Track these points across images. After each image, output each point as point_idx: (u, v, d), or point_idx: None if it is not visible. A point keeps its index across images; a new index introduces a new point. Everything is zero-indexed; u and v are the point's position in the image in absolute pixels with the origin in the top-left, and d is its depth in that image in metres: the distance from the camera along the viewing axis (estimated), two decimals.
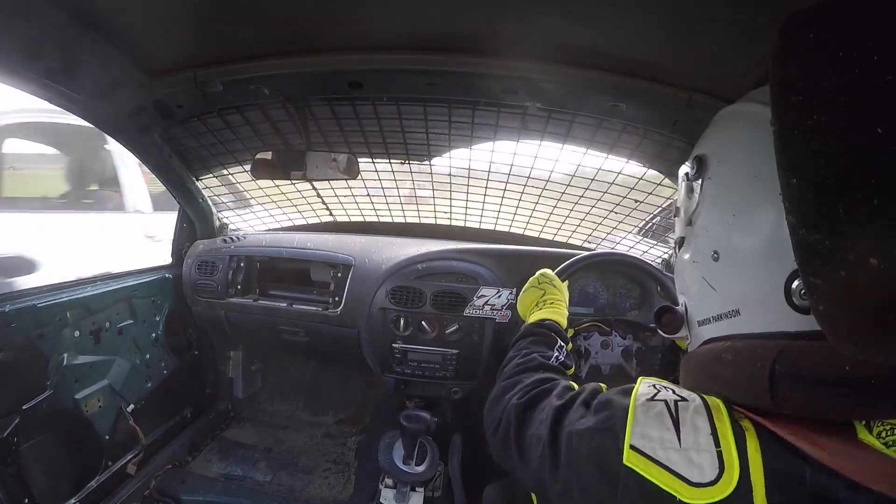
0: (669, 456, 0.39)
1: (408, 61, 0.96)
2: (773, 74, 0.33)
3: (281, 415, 2.13)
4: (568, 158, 1.40)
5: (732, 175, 0.48)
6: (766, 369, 0.39)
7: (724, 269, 0.48)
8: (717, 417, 0.41)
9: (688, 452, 0.39)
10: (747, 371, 0.41)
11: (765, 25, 0.61)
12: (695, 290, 0.53)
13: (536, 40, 0.86)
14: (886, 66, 0.27)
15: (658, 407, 0.43)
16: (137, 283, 1.50)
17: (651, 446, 0.40)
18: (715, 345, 0.47)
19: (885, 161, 0.28)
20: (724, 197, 0.49)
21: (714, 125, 0.56)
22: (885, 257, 0.28)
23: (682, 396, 0.44)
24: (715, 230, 0.49)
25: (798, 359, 0.38)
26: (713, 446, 0.39)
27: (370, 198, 1.80)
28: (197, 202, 1.65)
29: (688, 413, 0.41)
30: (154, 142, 1.32)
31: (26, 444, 1.11)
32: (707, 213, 0.51)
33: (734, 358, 0.43)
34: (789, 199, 0.33)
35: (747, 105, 0.51)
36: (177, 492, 1.46)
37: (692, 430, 0.40)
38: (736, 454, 0.38)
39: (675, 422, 0.41)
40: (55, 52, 0.85)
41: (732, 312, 0.46)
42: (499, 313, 1.39)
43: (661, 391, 0.45)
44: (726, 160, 0.49)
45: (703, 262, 0.51)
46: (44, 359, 1.18)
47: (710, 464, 0.38)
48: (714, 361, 0.46)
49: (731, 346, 0.45)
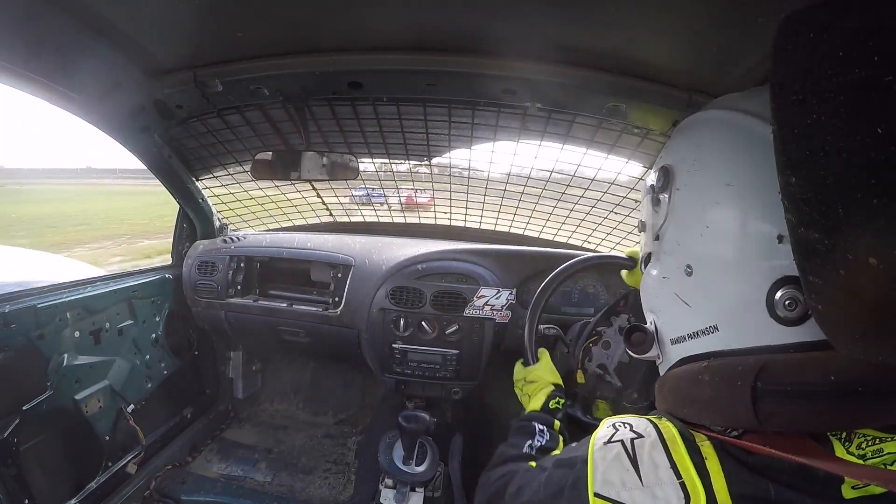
0: (634, 496, 0.40)
1: (408, 61, 0.96)
2: (773, 74, 0.33)
3: (281, 415, 2.12)
4: (568, 159, 1.40)
5: (703, 185, 0.46)
6: (747, 387, 0.38)
7: (699, 284, 0.46)
8: (673, 450, 0.41)
9: (651, 489, 0.39)
10: (727, 391, 0.40)
11: (765, 25, 0.61)
12: (666, 308, 0.51)
13: (536, 40, 0.86)
14: (886, 66, 0.27)
15: (615, 449, 0.43)
16: (137, 284, 1.50)
17: (615, 490, 0.41)
18: (691, 366, 0.46)
19: (885, 161, 0.28)
20: (695, 208, 0.47)
21: (678, 134, 0.54)
22: (884, 257, 0.28)
23: (639, 433, 0.44)
24: (686, 243, 0.47)
25: (782, 373, 0.37)
26: (674, 478, 0.39)
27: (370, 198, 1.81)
28: (197, 202, 1.65)
29: (644, 450, 0.42)
30: (154, 142, 1.32)
31: (26, 445, 1.11)
32: (677, 226, 0.49)
33: (712, 378, 0.42)
34: (788, 198, 0.33)
35: (712, 112, 0.50)
36: (177, 492, 1.46)
37: (651, 466, 0.40)
38: (699, 481, 0.38)
39: (634, 461, 0.41)
40: (55, 52, 0.85)
41: (710, 329, 0.44)
42: (499, 313, 1.39)
43: (619, 430, 0.45)
44: (695, 170, 0.48)
45: (674, 278, 0.49)
46: (44, 359, 1.17)
47: (675, 495, 0.38)
48: (691, 384, 0.44)
49: (707, 366, 0.43)
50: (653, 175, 0.54)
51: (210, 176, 1.63)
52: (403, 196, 2.01)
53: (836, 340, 0.34)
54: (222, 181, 1.69)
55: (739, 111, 0.45)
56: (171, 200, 1.62)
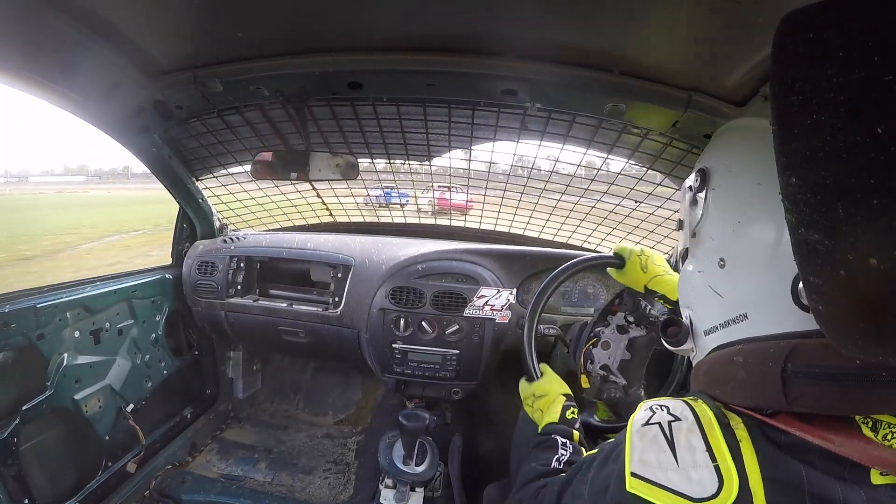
0: (669, 477, 0.41)
1: (408, 62, 0.96)
2: (773, 74, 0.33)
3: (281, 415, 2.13)
4: (568, 159, 1.40)
5: (736, 184, 0.50)
6: (777, 368, 0.40)
7: (731, 276, 0.49)
8: (709, 433, 0.42)
9: (686, 471, 0.41)
10: (759, 372, 0.42)
11: (765, 25, 0.61)
12: (701, 300, 0.54)
13: (536, 41, 0.86)
14: (886, 66, 0.27)
15: (653, 431, 0.45)
16: (137, 284, 1.50)
17: (651, 470, 0.42)
18: (725, 350, 0.48)
19: (885, 161, 0.28)
20: (728, 205, 0.51)
21: (715, 140, 0.58)
22: (884, 257, 0.28)
23: (676, 416, 0.45)
24: (720, 238, 0.51)
25: (810, 356, 0.39)
26: (710, 462, 0.40)
27: (370, 198, 1.80)
28: (197, 202, 1.65)
29: (682, 433, 0.43)
30: (154, 142, 1.32)
31: (26, 445, 1.11)
32: (712, 222, 0.53)
33: (745, 360, 0.44)
34: (789, 199, 0.33)
35: (747, 120, 0.54)
36: (177, 492, 1.46)
37: (688, 449, 0.42)
38: (733, 465, 0.39)
39: (671, 443, 0.43)
40: (55, 53, 0.85)
41: (740, 317, 0.47)
42: (499, 314, 1.39)
43: (655, 413, 0.47)
44: (730, 171, 0.51)
45: (708, 271, 0.52)
46: (44, 359, 1.17)
47: (710, 478, 0.39)
48: (725, 365, 0.46)
49: (741, 349, 0.45)
50: (691, 177, 0.58)
51: (210, 176, 1.63)
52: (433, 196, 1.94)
53: (836, 340, 0.34)
54: (222, 181, 1.69)
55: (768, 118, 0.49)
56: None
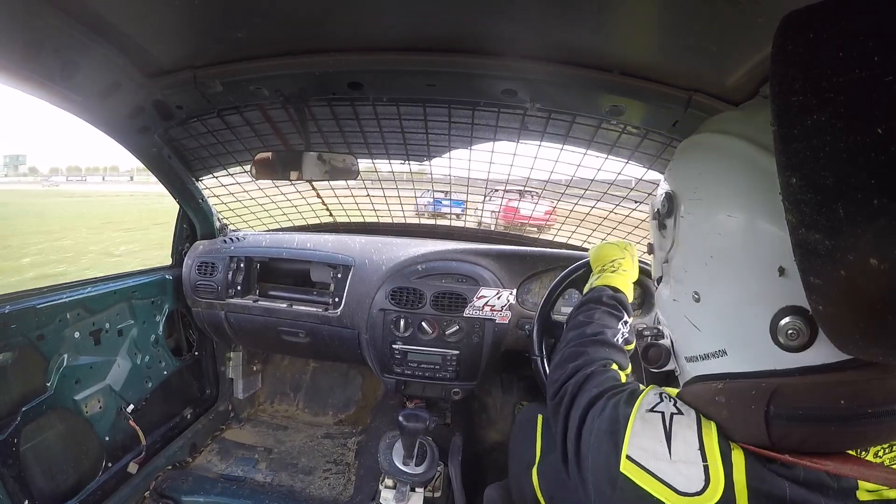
0: (660, 466, 0.42)
1: (407, 62, 0.96)
2: (773, 74, 0.33)
3: (281, 415, 2.13)
4: (568, 159, 1.40)
5: (705, 215, 0.46)
6: (760, 411, 0.39)
7: (707, 310, 0.47)
8: (706, 434, 0.42)
9: (677, 464, 0.41)
10: (742, 412, 0.41)
11: (765, 25, 0.61)
12: (680, 329, 0.52)
13: (536, 41, 0.86)
14: (886, 66, 0.27)
15: (655, 419, 0.45)
16: (137, 284, 1.50)
17: (645, 457, 0.43)
18: (707, 386, 0.47)
19: (885, 161, 0.28)
20: (699, 237, 0.47)
21: (680, 157, 0.54)
22: (885, 257, 0.28)
23: (680, 410, 0.45)
24: (693, 271, 0.48)
25: (792, 397, 0.39)
26: (700, 460, 0.41)
27: (370, 198, 1.80)
28: (197, 202, 1.65)
29: (681, 427, 0.44)
30: (154, 142, 1.32)
31: (27, 445, 1.11)
32: (684, 253, 0.49)
33: (727, 400, 0.43)
34: (789, 199, 0.33)
35: (712, 137, 0.49)
36: (177, 492, 1.46)
37: (683, 443, 0.42)
38: (722, 470, 0.40)
39: (668, 435, 0.43)
40: (55, 53, 0.85)
41: (719, 352, 0.46)
42: (499, 314, 1.39)
43: (662, 401, 0.47)
44: (697, 198, 0.48)
45: (683, 302, 0.50)
46: (44, 360, 1.17)
47: (697, 476, 0.40)
48: (707, 403, 0.45)
49: (723, 387, 0.44)
50: (658, 199, 0.54)
51: (210, 176, 1.63)
52: (500, 204, 1.85)
53: (836, 341, 0.34)
54: (222, 181, 1.69)
55: (739, 137, 0.45)
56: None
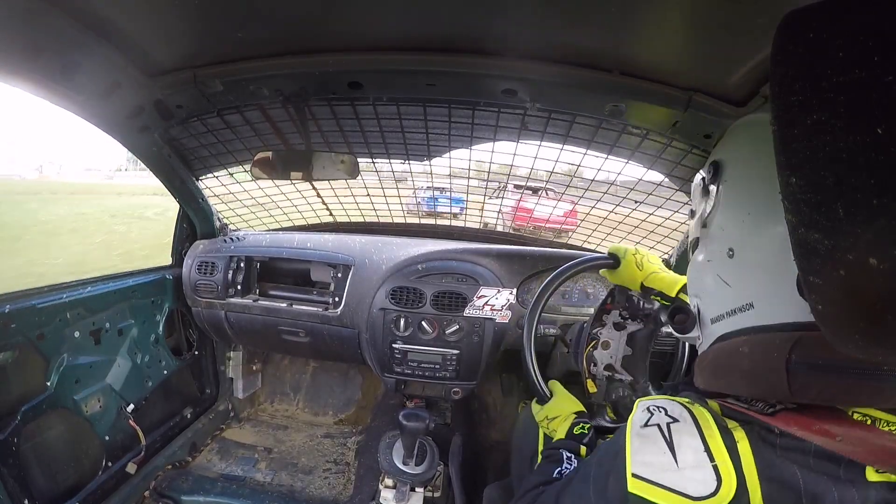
0: (670, 477, 0.42)
1: (407, 61, 0.96)
2: (773, 74, 0.33)
3: (281, 415, 2.13)
4: (568, 159, 1.40)
5: (747, 177, 0.51)
6: (782, 359, 0.40)
7: (739, 265, 0.50)
8: (707, 434, 0.43)
9: (686, 471, 0.42)
10: (764, 362, 0.42)
11: (765, 25, 0.61)
12: (709, 289, 0.56)
13: (536, 41, 0.86)
14: (886, 66, 0.27)
15: (653, 432, 0.46)
16: (137, 284, 1.50)
17: (651, 471, 0.43)
18: (731, 340, 0.49)
19: (885, 161, 0.28)
20: (739, 198, 0.52)
21: (731, 133, 0.59)
22: (884, 257, 0.28)
23: (674, 417, 0.46)
24: (730, 229, 0.52)
25: (814, 348, 0.39)
26: (708, 461, 0.41)
27: (370, 198, 1.80)
28: (197, 202, 1.65)
29: (681, 434, 0.44)
30: (154, 142, 1.32)
31: (26, 445, 1.11)
32: (723, 213, 0.54)
33: (751, 350, 0.45)
34: (789, 199, 0.33)
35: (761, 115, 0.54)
36: (177, 492, 1.46)
37: (687, 450, 0.43)
38: (731, 464, 0.40)
39: (671, 445, 0.44)
40: (55, 53, 0.85)
41: (746, 306, 0.48)
42: (499, 314, 1.39)
43: (654, 414, 0.47)
44: (742, 164, 0.52)
45: (717, 260, 0.53)
46: (44, 359, 1.18)
47: (709, 477, 0.40)
48: (731, 355, 0.47)
49: (747, 339, 0.46)
50: (704, 168, 0.59)
51: (210, 176, 1.63)
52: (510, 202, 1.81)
53: (836, 340, 0.34)
54: (222, 181, 1.69)
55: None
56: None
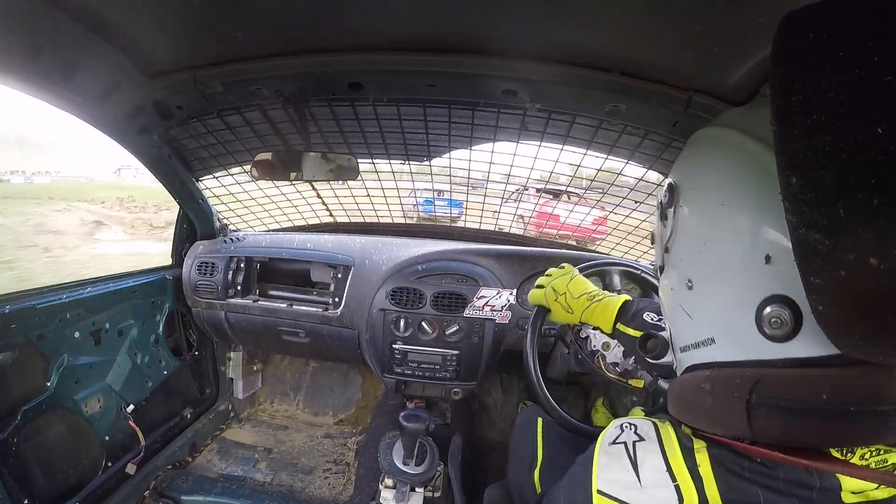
0: (633, 495, 0.42)
1: (408, 62, 0.96)
2: (773, 74, 0.33)
3: (281, 415, 2.13)
4: (568, 159, 1.40)
5: (702, 203, 0.48)
6: (743, 399, 0.39)
7: (698, 298, 0.48)
8: (669, 454, 0.43)
9: (648, 490, 0.42)
10: (725, 401, 0.41)
11: (765, 25, 0.61)
12: (674, 318, 0.54)
13: (536, 41, 0.86)
14: (886, 66, 0.27)
15: (619, 450, 0.46)
16: (137, 284, 1.50)
17: (615, 489, 0.43)
18: (695, 374, 0.48)
19: (885, 161, 0.28)
20: (695, 225, 0.49)
21: (685, 151, 0.56)
22: (885, 257, 0.28)
23: (641, 436, 0.46)
24: (688, 258, 0.49)
25: (775, 388, 0.38)
26: (670, 481, 0.41)
27: (370, 198, 1.80)
28: (197, 202, 1.65)
29: (645, 452, 0.44)
30: (154, 142, 1.32)
31: (26, 445, 1.11)
32: (680, 241, 0.51)
33: (712, 387, 0.43)
34: (789, 199, 0.33)
35: (715, 130, 0.51)
36: (177, 492, 1.46)
37: (649, 468, 0.43)
38: (693, 486, 0.40)
39: (634, 462, 0.44)
40: (54, 53, 0.85)
41: (708, 341, 0.46)
42: (499, 314, 1.39)
43: (624, 431, 0.47)
44: (696, 188, 0.49)
45: (679, 290, 0.51)
46: (44, 359, 1.18)
47: (669, 498, 0.40)
48: (695, 391, 0.46)
49: (709, 375, 0.45)
50: (661, 191, 0.56)
51: (210, 176, 1.63)
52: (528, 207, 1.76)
53: (836, 341, 0.34)
54: (222, 181, 1.69)
55: (738, 130, 0.46)
56: None
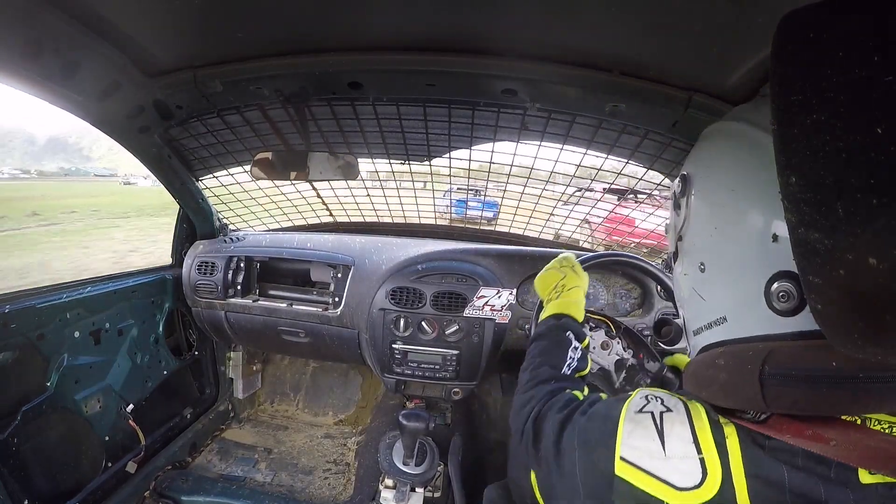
0: (656, 465, 0.42)
1: (408, 62, 0.96)
2: (773, 74, 0.33)
3: (281, 415, 2.13)
4: (568, 159, 1.40)
5: (712, 190, 0.51)
6: (756, 371, 0.40)
7: (710, 279, 0.50)
8: (698, 427, 0.43)
9: (672, 461, 0.42)
10: (739, 374, 0.43)
11: (765, 25, 0.61)
12: (688, 302, 0.56)
13: (536, 41, 0.86)
14: (886, 66, 0.27)
15: (645, 419, 0.46)
16: (137, 284, 1.50)
17: (639, 456, 0.44)
18: (709, 352, 0.50)
19: (885, 161, 0.28)
20: (706, 211, 0.52)
21: (698, 144, 0.59)
22: (884, 257, 0.28)
23: (668, 407, 0.47)
24: (700, 243, 0.52)
25: (786, 359, 0.40)
26: (696, 453, 0.41)
27: (370, 198, 1.80)
28: (197, 202, 1.65)
29: (672, 424, 0.45)
30: (154, 142, 1.32)
31: (26, 445, 1.11)
32: (693, 227, 0.54)
33: (726, 362, 0.45)
34: (788, 198, 0.33)
35: (726, 123, 0.54)
36: (177, 492, 1.46)
37: (675, 439, 0.43)
38: (718, 459, 0.40)
39: (661, 433, 0.44)
40: (55, 53, 0.85)
41: (720, 320, 0.48)
42: (499, 314, 1.39)
43: (650, 402, 0.48)
44: (707, 176, 0.53)
45: (692, 274, 0.53)
46: (44, 359, 1.18)
47: (694, 469, 0.41)
48: (709, 367, 0.47)
49: (723, 351, 0.47)
50: (675, 182, 0.58)
51: (210, 176, 1.63)
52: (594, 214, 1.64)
53: (835, 340, 0.34)
54: (222, 181, 1.69)
55: (746, 122, 0.49)
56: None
